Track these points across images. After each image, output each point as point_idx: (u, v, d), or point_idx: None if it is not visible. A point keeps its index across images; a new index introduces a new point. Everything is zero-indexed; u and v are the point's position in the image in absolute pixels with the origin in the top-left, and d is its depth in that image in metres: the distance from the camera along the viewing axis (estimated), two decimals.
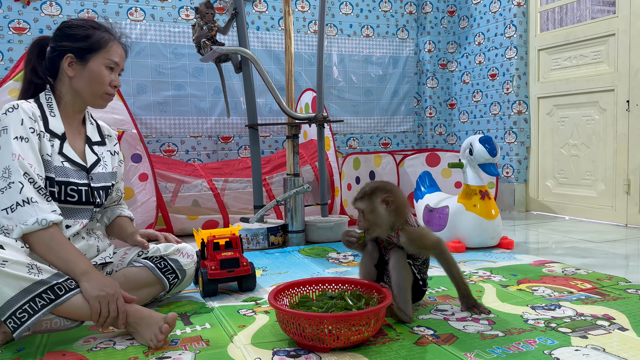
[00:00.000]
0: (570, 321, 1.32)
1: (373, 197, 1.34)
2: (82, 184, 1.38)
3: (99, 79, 1.40)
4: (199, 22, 2.37)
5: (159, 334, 1.19)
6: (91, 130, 1.50)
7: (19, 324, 1.11)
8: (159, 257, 1.51)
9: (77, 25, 1.41)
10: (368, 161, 3.29)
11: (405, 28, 3.94)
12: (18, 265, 1.12)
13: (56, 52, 1.40)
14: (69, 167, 1.36)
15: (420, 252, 1.38)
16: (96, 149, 1.48)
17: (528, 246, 2.35)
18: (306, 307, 1.28)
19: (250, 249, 2.38)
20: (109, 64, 1.41)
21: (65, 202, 1.34)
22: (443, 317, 1.38)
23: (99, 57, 1.40)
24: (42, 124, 1.34)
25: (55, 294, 1.15)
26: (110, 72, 1.42)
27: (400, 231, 1.36)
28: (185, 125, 3.30)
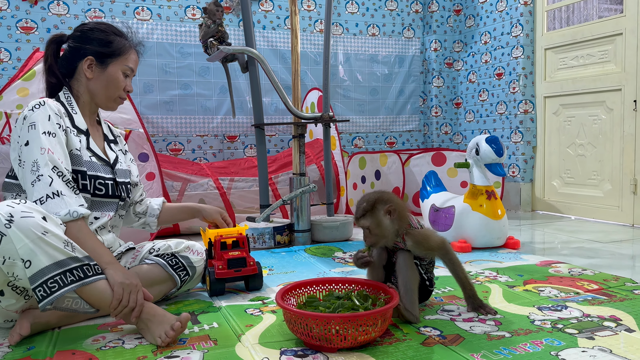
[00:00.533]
0: (576, 322, 1.32)
1: (375, 211, 1.33)
2: (109, 178, 1.44)
3: (115, 83, 1.45)
4: (207, 22, 2.38)
5: (170, 331, 1.21)
6: (106, 128, 1.56)
7: (48, 293, 1.13)
8: (170, 254, 1.55)
9: (100, 29, 1.46)
10: (374, 160, 3.29)
11: (411, 27, 3.94)
12: (56, 238, 1.16)
13: (76, 53, 1.44)
14: (96, 161, 1.42)
15: (426, 254, 1.39)
16: (113, 147, 1.54)
17: (534, 246, 2.34)
18: (313, 307, 1.29)
19: (257, 248, 2.39)
20: (125, 70, 1.47)
21: (94, 195, 1.39)
22: (449, 317, 1.39)
23: (118, 62, 1.45)
24: (68, 120, 1.38)
25: (84, 273, 1.19)
26: (125, 77, 1.48)
27: (405, 235, 1.36)
28: (191, 124, 3.31)
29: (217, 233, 1.67)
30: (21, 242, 1.11)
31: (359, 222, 1.36)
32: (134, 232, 2.35)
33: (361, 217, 1.34)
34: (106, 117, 2.39)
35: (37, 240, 1.13)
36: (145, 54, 3.09)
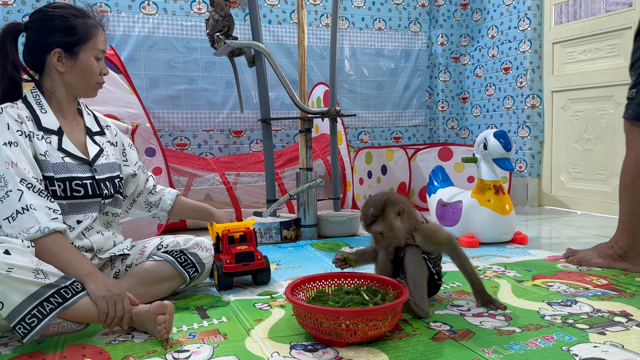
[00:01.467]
0: (587, 317, 1.32)
1: (386, 214, 1.31)
2: (87, 177, 1.36)
3: (90, 70, 1.37)
4: (214, 15, 2.36)
5: (159, 326, 1.19)
6: (90, 121, 1.47)
7: (29, 329, 1.10)
8: (179, 250, 1.52)
9: (60, 16, 1.34)
10: (380, 155, 3.28)
11: (417, 21, 3.91)
12: (24, 271, 1.10)
13: (41, 47, 1.34)
14: (70, 162, 1.34)
15: (435, 249, 1.38)
16: (97, 139, 1.46)
17: (542, 241, 2.33)
18: (322, 301, 1.28)
19: (263, 243, 2.39)
20: (97, 55, 1.38)
21: (72, 197, 1.33)
22: (459, 312, 1.38)
23: (87, 48, 1.36)
24: (33, 124, 1.31)
25: (62, 297, 1.14)
26: (98, 61, 1.39)
27: (414, 232, 1.35)
28: (197, 119, 3.31)
29: (225, 227, 1.67)
30: None
31: (370, 228, 1.32)
32: (140, 227, 2.35)
33: (372, 223, 1.31)
34: (113, 111, 2.39)
35: (4, 280, 1.07)
36: (151, 49, 3.13)
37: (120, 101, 2.42)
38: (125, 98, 2.44)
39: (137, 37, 3.12)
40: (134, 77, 3.07)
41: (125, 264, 1.51)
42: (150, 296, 1.46)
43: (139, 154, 2.44)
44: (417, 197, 3.37)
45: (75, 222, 1.35)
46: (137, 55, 3.13)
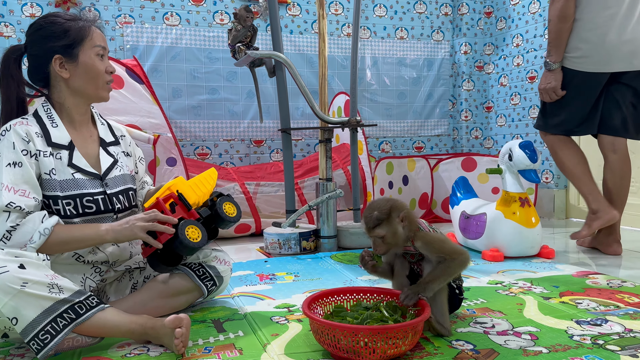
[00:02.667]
0: (618, 338, 1.25)
1: (390, 219, 1.26)
2: (98, 193, 1.34)
3: (95, 69, 1.35)
4: (236, 27, 2.37)
5: (176, 340, 1.18)
6: (103, 131, 1.45)
7: (43, 345, 1.09)
8: (197, 263, 1.50)
9: (50, 22, 1.33)
10: (401, 165, 3.24)
11: (440, 30, 3.87)
12: (39, 285, 1.09)
13: (41, 59, 1.33)
14: (81, 177, 1.32)
15: (436, 257, 1.28)
16: (112, 150, 1.44)
17: (569, 256, 2.26)
18: (340, 317, 1.25)
19: (282, 254, 2.37)
20: (98, 51, 1.36)
21: (84, 214, 1.31)
22: (483, 330, 1.33)
23: (86, 47, 1.34)
24: (42, 140, 1.29)
25: (76, 313, 1.13)
26: (101, 59, 1.37)
27: (414, 239, 1.30)
28: (218, 128, 3.32)
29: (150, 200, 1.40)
30: (1, 301, 1.05)
31: (373, 231, 1.27)
32: None
33: (376, 226, 1.26)
34: (135, 121, 2.41)
35: (19, 295, 1.06)
36: (174, 59, 3.16)
37: (142, 111, 2.44)
38: (147, 108, 2.46)
39: (160, 48, 3.16)
40: (156, 87, 3.10)
41: (143, 275, 1.50)
42: (168, 309, 1.45)
43: (160, 164, 2.45)
44: (440, 208, 3.31)
45: None
46: (160, 65, 3.16)
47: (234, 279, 1.89)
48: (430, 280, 1.24)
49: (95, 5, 3.02)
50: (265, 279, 1.90)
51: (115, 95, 2.38)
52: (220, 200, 1.44)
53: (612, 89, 2.17)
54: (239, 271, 2.01)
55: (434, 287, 1.24)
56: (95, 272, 1.37)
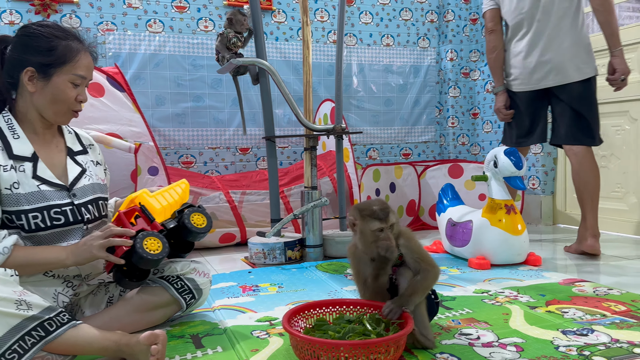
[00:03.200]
0: (605, 349, 1.23)
1: (391, 208, 1.26)
2: (65, 204, 1.29)
3: (62, 95, 1.29)
4: (228, 32, 2.34)
5: (152, 357, 1.14)
6: (71, 139, 1.40)
7: None
8: (176, 276, 1.45)
9: (41, 34, 1.27)
10: (388, 172, 3.22)
11: (426, 37, 3.87)
12: (6, 302, 1.04)
13: (16, 64, 1.28)
14: (47, 189, 1.27)
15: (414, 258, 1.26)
16: (79, 159, 1.39)
17: (556, 263, 2.24)
18: (322, 331, 1.22)
19: (267, 264, 2.33)
20: (74, 80, 1.29)
21: (52, 226, 1.27)
22: (468, 342, 1.30)
23: (63, 71, 1.28)
24: (3, 153, 1.24)
25: (45, 331, 1.08)
26: (74, 87, 1.30)
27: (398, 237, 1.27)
28: (203, 136, 3.28)
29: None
30: None
31: (388, 219, 1.22)
32: None
33: (389, 214, 1.23)
34: (116, 130, 2.37)
35: None
36: (157, 67, 3.12)
37: (123, 120, 2.40)
38: (128, 116, 2.41)
39: (143, 55, 3.12)
40: (140, 95, 3.05)
41: (119, 288, 1.46)
42: (144, 323, 1.41)
43: (141, 173, 2.40)
44: (427, 215, 3.29)
45: None
46: (143, 73, 3.12)
47: (216, 291, 1.85)
48: (411, 293, 1.22)
49: (76, 12, 2.98)
50: (248, 291, 1.86)
51: (96, 103, 2.34)
52: (189, 211, 1.40)
53: (552, 103, 2.47)
54: (222, 283, 1.97)
55: (416, 300, 1.22)
56: (67, 287, 1.32)
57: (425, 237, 2.97)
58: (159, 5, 3.16)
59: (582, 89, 2.39)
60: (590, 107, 2.40)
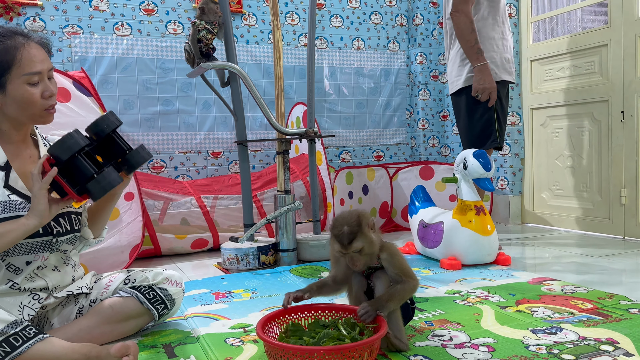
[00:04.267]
0: (573, 346, 1.26)
1: (362, 229, 1.22)
2: None
3: (26, 100, 1.20)
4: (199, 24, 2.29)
5: None
6: (44, 149, 1.36)
7: None
8: (147, 286, 1.43)
9: None
10: (361, 175, 3.23)
11: (396, 40, 3.91)
12: None
13: None
14: (17, 199, 1.22)
15: (395, 273, 1.26)
16: None
17: (525, 262, 2.29)
18: (297, 337, 1.21)
19: (241, 270, 2.31)
20: (29, 80, 1.20)
21: None
22: (440, 343, 1.32)
23: (13, 76, 1.19)
24: None
25: (11, 346, 1.05)
26: (34, 86, 1.21)
27: (380, 250, 1.28)
28: (173, 141, 3.23)
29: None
30: None
31: (350, 247, 1.20)
32: (111, 255, 2.26)
33: (352, 241, 1.20)
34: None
35: None
36: (125, 70, 3.06)
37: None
38: None
39: (110, 59, 3.06)
40: (107, 99, 2.99)
41: (89, 299, 1.42)
42: (116, 334, 1.38)
43: None
44: (400, 216, 3.32)
45: (24, 264, 1.25)
46: (110, 77, 3.06)
47: (188, 298, 1.82)
48: (388, 299, 1.22)
49: (40, 15, 2.90)
50: (221, 297, 1.84)
51: (62, 108, 2.28)
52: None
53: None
54: (194, 290, 1.95)
55: (391, 307, 1.22)
56: (33, 300, 1.28)
57: (397, 238, 3.00)
58: (126, 8, 3.11)
59: (455, 101, 2.59)
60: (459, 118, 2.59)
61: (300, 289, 1.32)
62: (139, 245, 2.35)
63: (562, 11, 3.50)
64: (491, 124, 2.48)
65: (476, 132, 2.50)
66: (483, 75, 2.39)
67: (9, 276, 1.24)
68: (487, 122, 2.47)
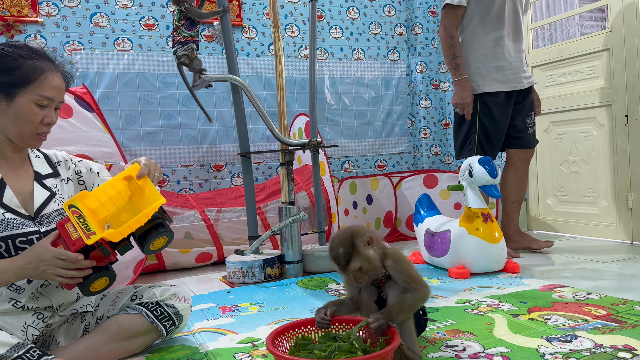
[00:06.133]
0: (589, 354, 1.24)
1: (357, 248, 1.19)
2: (32, 232, 1.23)
3: (26, 117, 1.21)
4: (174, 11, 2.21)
5: None
6: (38, 163, 1.34)
7: None
8: (155, 302, 1.40)
9: (4, 54, 1.21)
10: (365, 185, 3.22)
11: (396, 50, 3.91)
12: None
13: None
14: (12, 217, 1.20)
15: (403, 278, 1.24)
16: (48, 183, 1.32)
17: (534, 269, 2.26)
18: (308, 350, 1.19)
19: (246, 283, 2.28)
20: (39, 101, 1.22)
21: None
22: (454, 354, 1.29)
23: (28, 92, 1.21)
24: None
25: None
26: (41, 108, 1.23)
27: (384, 259, 1.26)
28: (176, 154, 3.22)
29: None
30: None
31: (347, 269, 1.19)
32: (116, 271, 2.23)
33: (348, 262, 1.19)
34: (85, 151, 2.30)
35: None
36: (126, 85, 3.06)
37: (93, 140, 2.34)
38: (98, 137, 2.35)
39: (111, 74, 3.05)
40: (109, 114, 2.99)
41: (95, 316, 1.40)
42: (123, 352, 1.36)
43: None
44: (404, 226, 3.30)
45: (25, 282, 1.22)
46: (112, 92, 3.06)
47: (195, 313, 1.80)
48: (399, 310, 1.20)
49: (41, 32, 2.91)
50: (228, 311, 1.81)
51: (64, 124, 2.27)
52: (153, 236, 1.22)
53: None
54: (200, 304, 1.92)
55: (402, 317, 1.20)
56: (37, 319, 1.26)
57: (403, 247, 2.97)
58: (126, 23, 3.11)
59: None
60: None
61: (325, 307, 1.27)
62: (144, 260, 2.33)
63: (562, 17, 3.51)
64: (470, 134, 2.55)
65: (458, 141, 2.63)
66: (458, 90, 2.50)
67: (12, 295, 1.22)
68: (467, 132, 2.57)
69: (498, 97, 2.51)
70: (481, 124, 2.51)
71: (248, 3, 3.43)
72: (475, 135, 2.53)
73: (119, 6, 3.09)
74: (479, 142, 2.53)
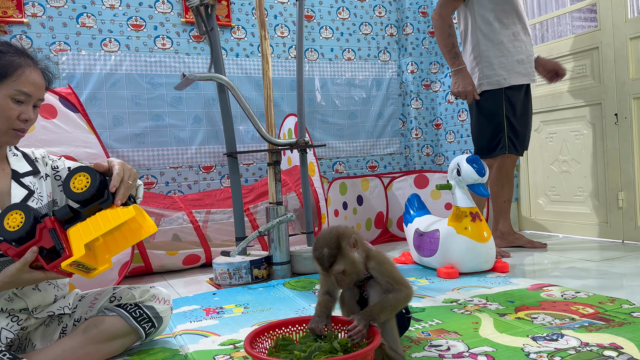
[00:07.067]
0: (575, 353, 1.22)
1: (343, 250, 1.17)
2: None
3: (2, 112, 1.19)
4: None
5: None
6: (16, 162, 1.31)
7: None
8: (134, 304, 1.37)
9: None
10: (355, 185, 3.20)
11: (387, 50, 3.90)
12: None
13: None
14: None
15: (386, 280, 1.21)
16: (27, 181, 1.29)
17: (524, 269, 2.25)
18: (287, 351, 1.16)
19: (233, 285, 2.26)
20: (15, 96, 1.20)
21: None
22: (438, 354, 1.27)
23: (4, 86, 1.19)
24: None
25: None
26: (18, 104, 1.21)
27: (367, 261, 1.23)
28: (164, 156, 3.19)
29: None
30: None
31: (332, 270, 1.16)
32: (96, 277, 2.20)
33: (332, 264, 1.16)
34: (70, 152, 2.27)
35: None
36: (114, 86, 3.03)
37: (77, 141, 2.31)
38: (83, 138, 2.33)
39: (99, 75, 3.03)
40: (96, 115, 2.96)
41: (73, 318, 1.37)
42: (101, 355, 1.33)
43: None
44: (396, 226, 3.28)
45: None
46: (99, 93, 3.03)
47: (178, 315, 1.77)
48: (380, 310, 1.17)
49: (27, 32, 2.88)
50: (212, 313, 1.78)
51: (48, 125, 2.25)
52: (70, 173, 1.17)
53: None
54: (184, 306, 1.89)
55: (383, 317, 1.17)
56: (12, 322, 1.23)
57: (394, 248, 2.95)
58: (114, 24, 3.09)
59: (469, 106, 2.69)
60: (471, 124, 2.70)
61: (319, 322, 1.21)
62: (129, 263, 2.30)
63: (553, 15, 3.50)
64: (500, 130, 2.54)
65: (485, 139, 2.57)
66: (459, 79, 2.50)
67: None
68: (496, 128, 2.54)
69: (520, 90, 2.56)
70: (508, 121, 2.53)
71: (237, 3, 3.41)
72: (505, 133, 2.54)
73: (106, 6, 3.07)
74: (509, 139, 2.54)
